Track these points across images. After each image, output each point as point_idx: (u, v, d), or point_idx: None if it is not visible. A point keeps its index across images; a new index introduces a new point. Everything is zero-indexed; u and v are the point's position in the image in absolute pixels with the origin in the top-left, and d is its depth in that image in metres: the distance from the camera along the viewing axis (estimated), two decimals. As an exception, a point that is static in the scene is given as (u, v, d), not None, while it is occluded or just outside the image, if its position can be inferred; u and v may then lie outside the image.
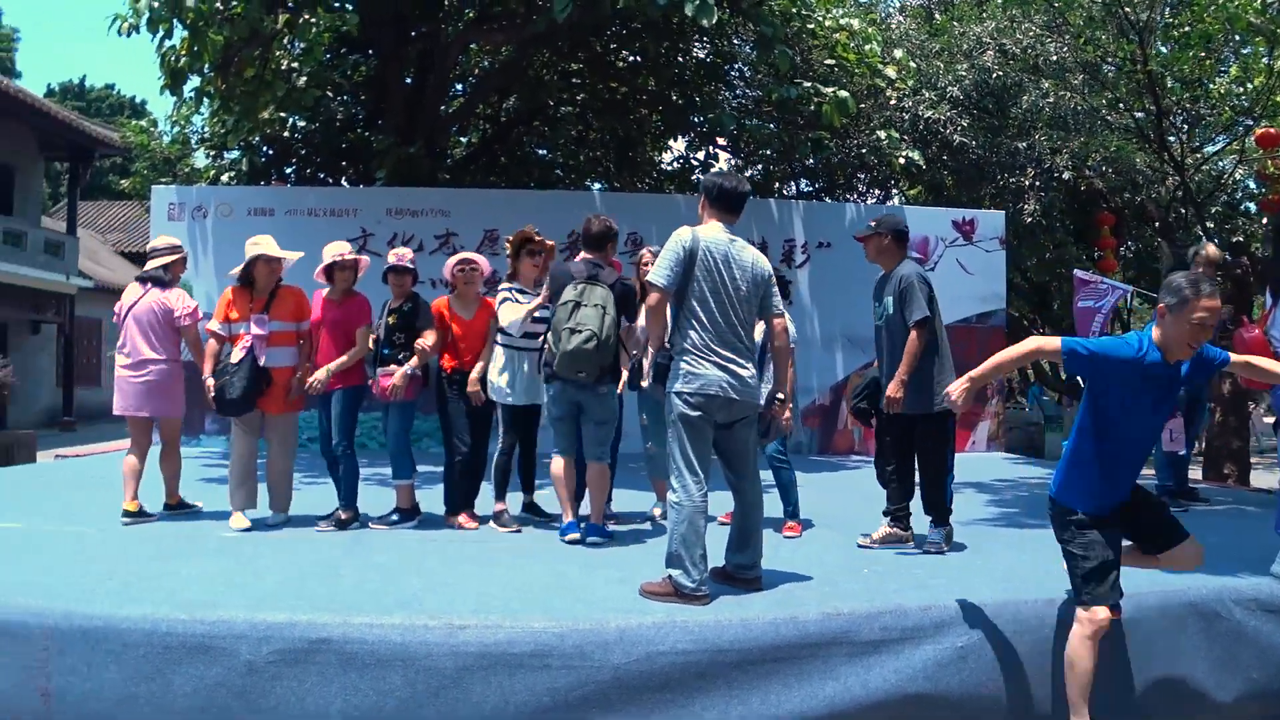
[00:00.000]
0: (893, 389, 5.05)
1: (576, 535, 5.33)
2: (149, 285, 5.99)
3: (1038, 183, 13.70)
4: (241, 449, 5.93)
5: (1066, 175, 13.42)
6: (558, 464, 5.45)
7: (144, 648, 3.56)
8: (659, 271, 4.14)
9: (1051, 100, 13.02)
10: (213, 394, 5.72)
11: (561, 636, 3.55)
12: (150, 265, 6.06)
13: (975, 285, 11.85)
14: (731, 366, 4.12)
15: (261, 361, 5.74)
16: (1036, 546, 5.29)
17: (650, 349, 4.45)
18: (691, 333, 4.13)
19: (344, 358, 5.72)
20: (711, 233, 4.23)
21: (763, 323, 4.44)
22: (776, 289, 4.43)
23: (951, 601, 3.98)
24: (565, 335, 5.02)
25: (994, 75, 13.43)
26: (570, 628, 3.60)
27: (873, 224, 5.42)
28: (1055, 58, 13.10)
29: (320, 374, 5.65)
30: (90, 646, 3.58)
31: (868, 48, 11.55)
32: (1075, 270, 10.84)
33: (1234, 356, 3.81)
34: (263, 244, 5.87)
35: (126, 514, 5.81)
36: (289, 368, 5.85)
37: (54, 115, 21.99)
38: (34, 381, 21.88)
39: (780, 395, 4.53)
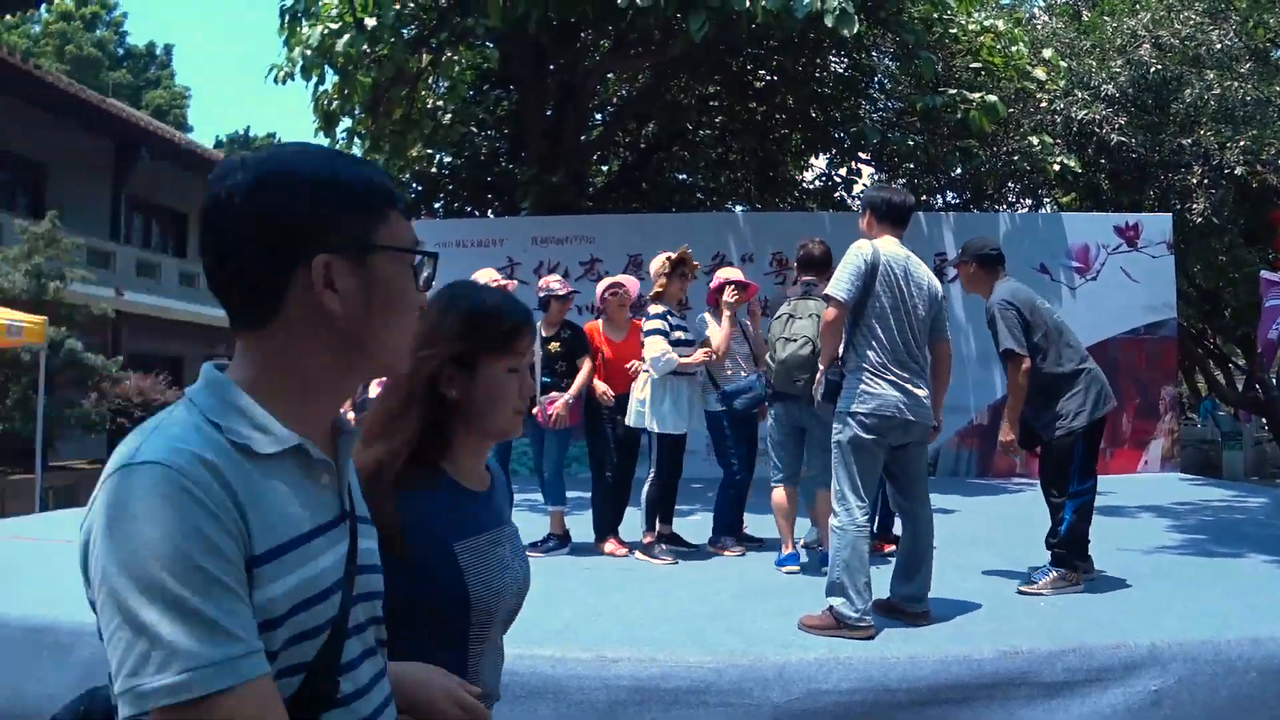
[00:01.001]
0: (1002, 434, 4.69)
1: (797, 567, 5.15)
2: None
3: (1205, 181, 12.84)
4: None
5: (1238, 171, 12.50)
6: (780, 493, 5.31)
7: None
8: (839, 285, 3.96)
9: (1217, 92, 12.17)
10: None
11: (718, 672, 3.40)
12: None
13: (1142, 294, 11.09)
14: (908, 386, 3.93)
15: None
16: (1233, 578, 4.85)
17: (820, 365, 4.25)
18: (869, 351, 3.95)
19: (575, 387, 5.67)
20: (890, 247, 4.07)
21: None
22: (945, 311, 4.25)
23: (1143, 640, 3.62)
24: (780, 345, 5.01)
25: (1152, 69, 12.69)
26: (727, 662, 3.44)
27: (960, 252, 5.05)
28: (1219, 46, 12.29)
29: (559, 406, 5.59)
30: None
31: (1014, 49, 11.07)
32: (1262, 271, 9.99)
33: None
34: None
35: None
36: None
37: (222, 164, 23.44)
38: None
39: (934, 423, 4.25)
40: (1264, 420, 19.62)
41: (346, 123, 10.65)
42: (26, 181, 19.06)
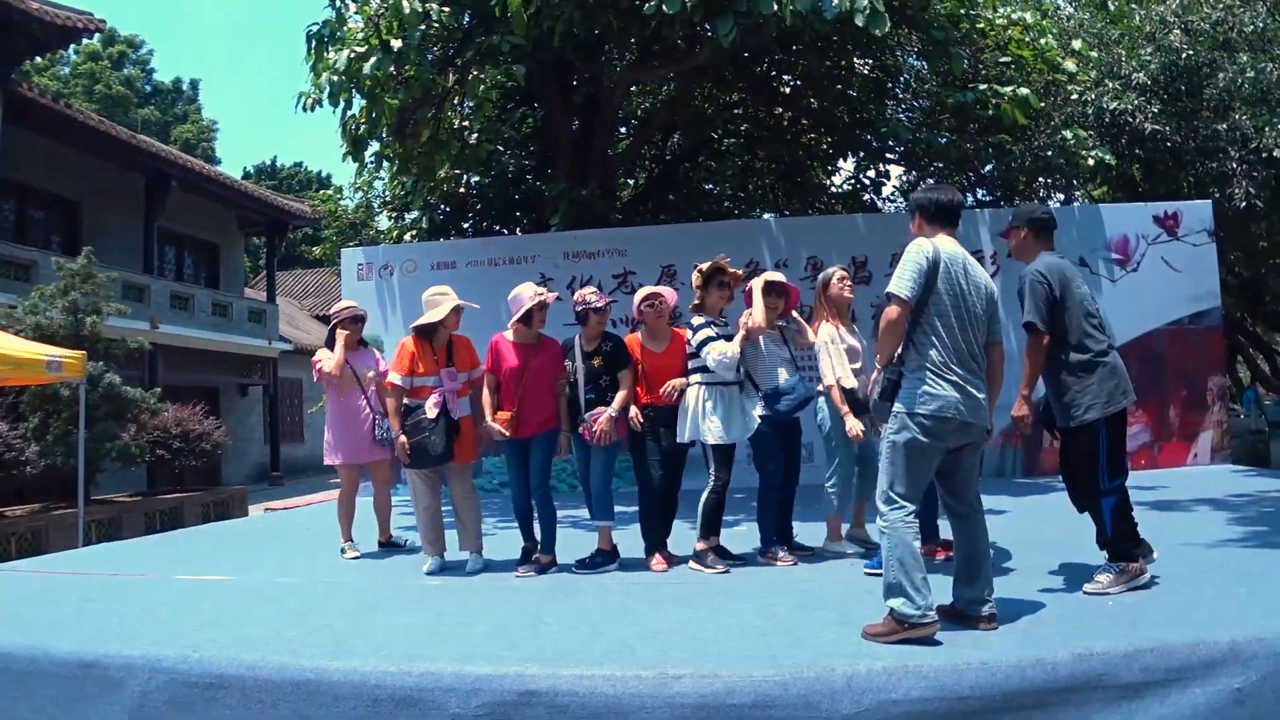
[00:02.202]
0: (1015, 408, 4.54)
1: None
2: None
3: (1244, 165, 12.58)
4: (430, 501, 6.04)
5: (1277, 153, 12.24)
6: None
7: (353, 700, 3.54)
8: (901, 283, 3.88)
9: (1251, 75, 11.94)
10: (409, 449, 5.75)
11: (784, 686, 3.29)
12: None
13: (1185, 283, 10.87)
14: (968, 388, 3.87)
15: (455, 415, 5.83)
16: (1307, 569, 4.67)
17: (878, 364, 4.16)
18: (931, 350, 3.88)
19: (618, 401, 5.62)
20: (948, 245, 4.01)
21: None
22: (1000, 310, 4.15)
23: (1222, 637, 3.48)
24: None
25: (1183, 55, 12.50)
26: (793, 675, 3.33)
27: (1010, 218, 4.91)
28: (1250, 28, 12.07)
29: (604, 423, 5.52)
30: (303, 699, 3.59)
31: (1043, 41, 10.91)
32: None
33: None
34: (450, 294, 5.97)
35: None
36: (468, 416, 5.98)
37: (251, 194, 23.73)
38: (244, 439, 23.36)
39: (989, 426, 4.12)
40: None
41: (374, 146, 10.65)
42: (61, 219, 19.35)
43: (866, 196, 15.87)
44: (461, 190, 13.96)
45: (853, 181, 16.37)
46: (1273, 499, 7.77)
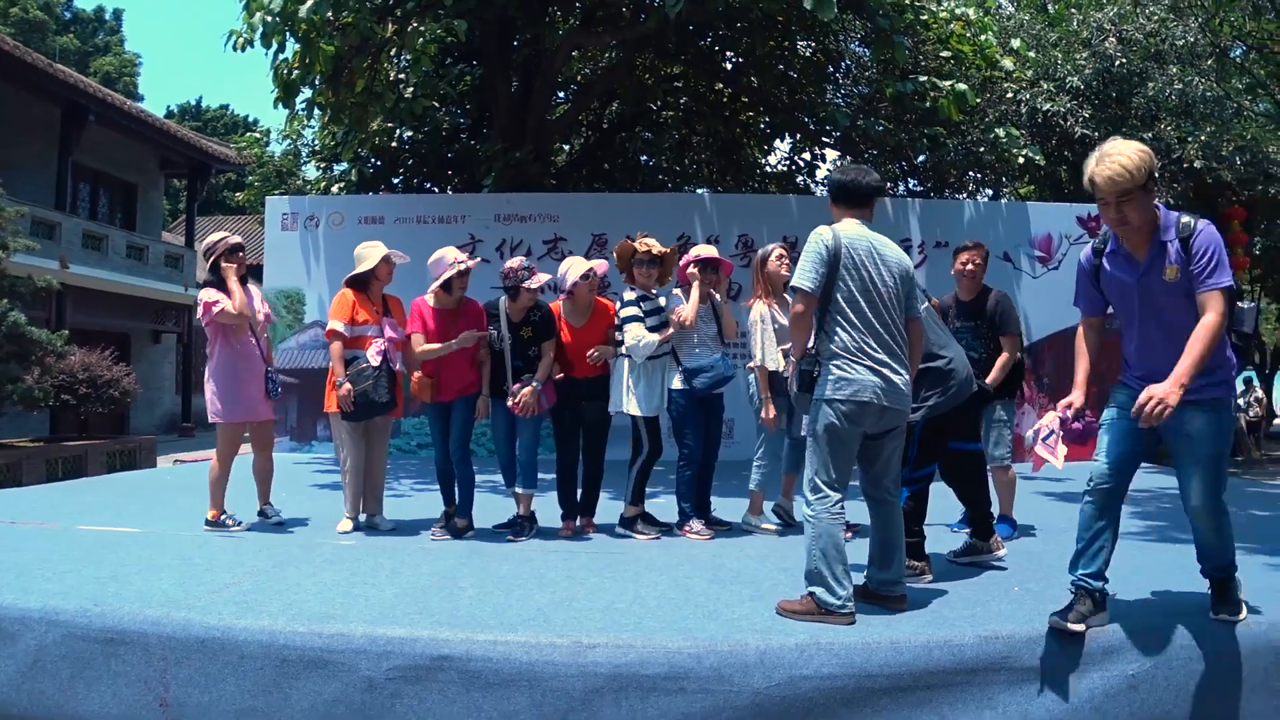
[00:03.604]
0: None
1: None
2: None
3: (1165, 175, 12.99)
4: (359, 457, 5.89)
5: (1196, 165, 12.66)
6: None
7: (261, 660, 3.47)
8: (803, 275, 3.83)
9: (1178, 87, 12.32)
10: (353, 398, 5.58)
11: (698, 658, 3.31)
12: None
13: (1103, 284, 11.20)
14: (885, 371, 3.82)
15: (396, 366, 5.75)
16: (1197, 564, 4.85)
17: (792, 357, 4.16)
18: (841, 334, 3.84)
19: (542, 372, 5.55)
20: (850, 229, 3.95)
21: None
22: (919, 289, 4.14)
23: (1119, 625, 3.61)
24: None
25: (1117, 63, 12.82)
26: (707, 648, 3.35)
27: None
28: (1181, 42, 12.41)
29: (528, 395, 5.44)
30: (208, 657, 3.51)
31: (983, 38, 11.07)
32: None
33: None
34: (381, 247, 5.85)
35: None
36: (401, 372, 5.88)
37: (173, 134, 22.86)
38: (155, 389, 22.68)
39: (910, 410, 4.12)
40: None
41: (306, 93, 10.35)
42: (-33, 147, 18.42)
43: (800, 179, 16.00)
44: (394, 144, 13.66)
45: (788, 163, 16.49)
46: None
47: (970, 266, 5.67)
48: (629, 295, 5.72)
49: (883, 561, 4.03)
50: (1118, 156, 3.38)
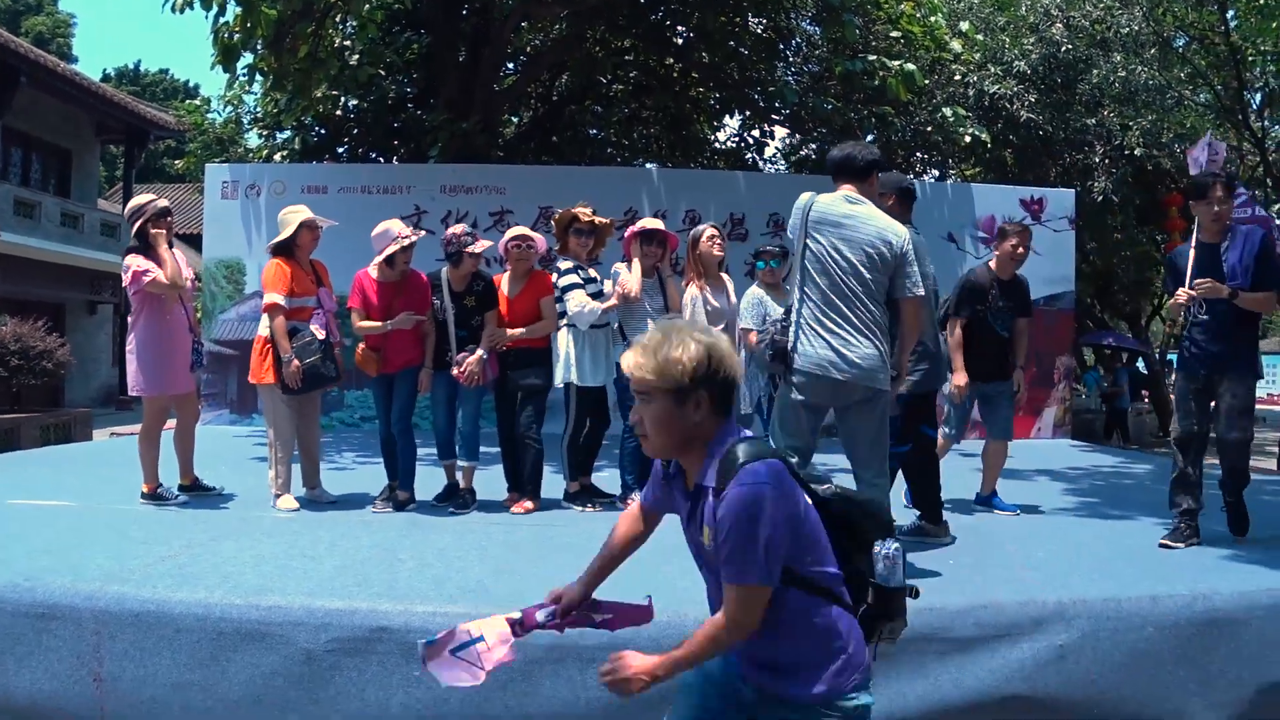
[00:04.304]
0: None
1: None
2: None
3: (1106, 160, 13.25)
4: (293, 430, 5.76)
5: (1137, 152, 12.93)
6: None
7: (198, 633, 3.42)
8: (789, 239, 3.98)
9: (1122, 75, 12.54)
10: (301, 372, 5.42)
11: (637, 629, 3.32)
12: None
13: (1044, 266, 11.35)
14: (838, 345, 3.76)
15: (335, 338, 5.65)
16: (1127, 539, 5.02)
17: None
18: (804, 306, 3.83)
19: (486, 342, 5.52)
20: (829, 197, 3.91)
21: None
22: (913, 267, 3.95)
23: (1050, 597, 3.71)
24: None
25: (1063, 49, 13.00)
26: (647, 619, 3.37)
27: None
28: (1126, 30, 12.64)
29: (473, 364, 5.41)
30: (143, 631, 3.44)
31: (933, 19, 11.16)
32: None
33: None
34: (303, 212, 5.67)
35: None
36: (338, 343, 5.77)
37: (110, 98, 22.22)
38: (91, 361, 22.16)
39: (876, 384, 3.99)
40: (1145, 392, 20.54)
41: (248, 59, 10.08)
42: (-109, 107, 17.76)
43: (749, 155, 16.03)
44: (338, 113, 13.41)
45: (737, 139, 16.51)
46: (1105, 474, 8.30)
47: (1021, 249, 5.91)
48: (565, 264, 5.69)
49: None
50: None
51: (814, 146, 15.43)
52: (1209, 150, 5.84)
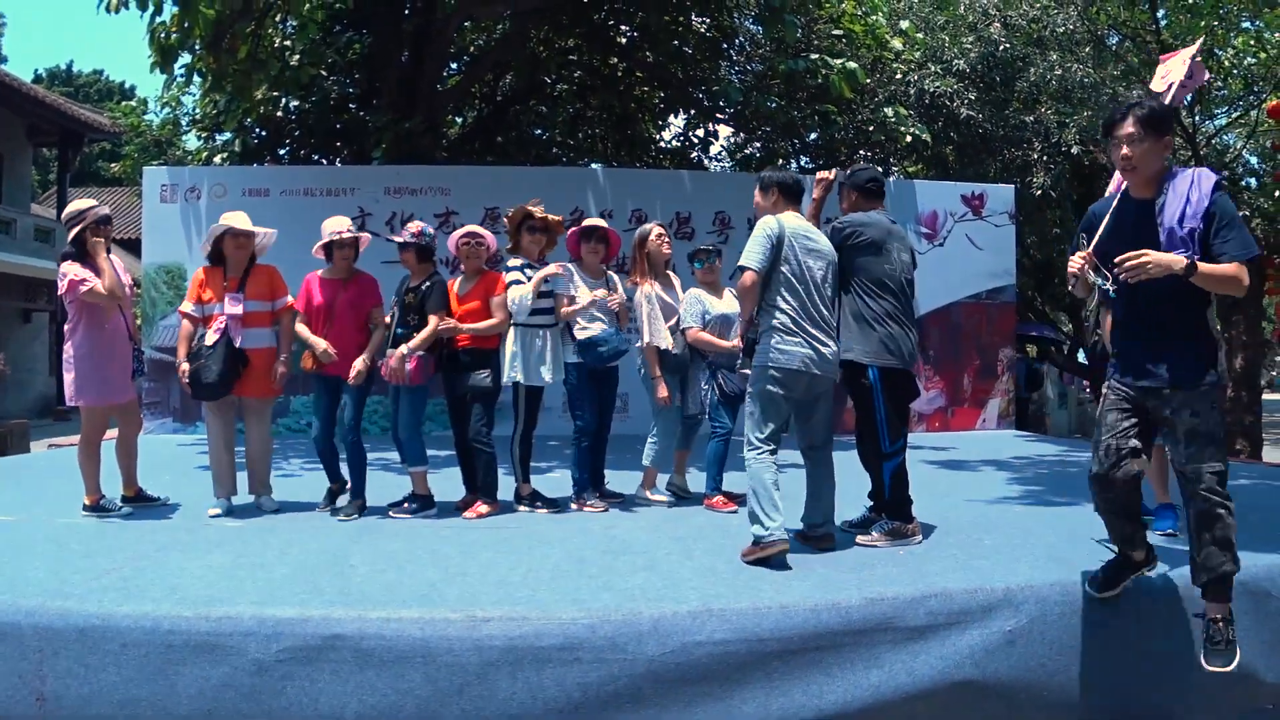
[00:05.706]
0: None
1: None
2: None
3: (1044, 157, 13.50)
4: (219, 436, 5.68)
5: (1074, 149, 13.19)
6: None
7: (145, 647, 3.35)
8: (752, 255, 4.39)
9: (1059, 73, 12.79)
10: (187, 379, 5.46)
11: (592, 628, 3.33)
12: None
13: (985, 261, 11.66)
14: (814, 344, 4.41)
15: (238, 343, 5.51)
16: (1072, 526, 5.11)
17: (740, 327, 4.74)
18: (779, 312, 4.41)
19: (415, 341, 5.43)
20: (791, 220, 4.52)
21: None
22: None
23: (999, 584, 3.77)
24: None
25: (1001, 48, 13.20)
26: (601, 618, 3.38)
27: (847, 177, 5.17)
28: (1062, 29, 12.89)
29: (394, 360, 5.36)
30: (87, 647, 3.36)
31: (873, 19, 11.30)
32: None
33: None
34: (232, 219, 5.62)
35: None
36: (266, 349, 5.63)
37: (42, 100, 21.65)
38: (27, 370, 21.57)
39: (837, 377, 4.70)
40: (1085, 383, 20.98)
41: (185, 59, 9.89)
42: None
43: (694, 154, 16.09)
44: (279, 114, 13.20)
45: (682, 138, 16.57)
46: (1048, 462, 8.48)
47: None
48: (514, 262, 5.67)
49: (813, 506, 4.65)
50: None
51: (758, 145, 15.53)
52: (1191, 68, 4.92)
